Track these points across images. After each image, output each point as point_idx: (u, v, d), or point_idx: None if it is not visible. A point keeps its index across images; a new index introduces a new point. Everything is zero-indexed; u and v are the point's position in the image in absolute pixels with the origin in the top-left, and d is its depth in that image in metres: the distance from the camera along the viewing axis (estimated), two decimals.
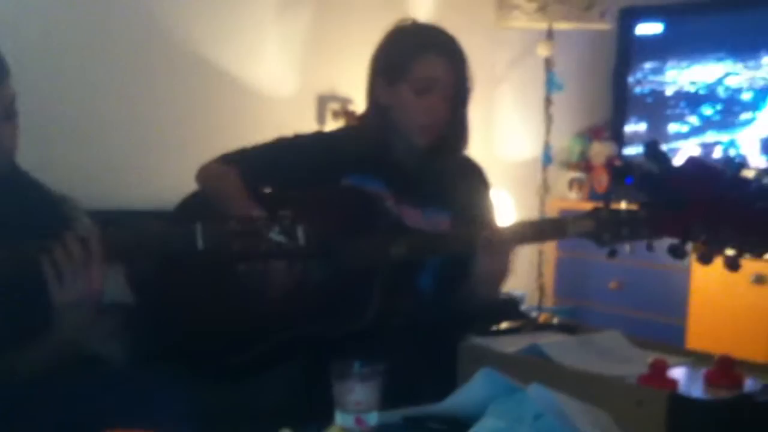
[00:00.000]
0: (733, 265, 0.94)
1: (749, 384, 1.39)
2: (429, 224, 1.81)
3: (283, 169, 1.89)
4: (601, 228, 1.66)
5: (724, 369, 1.42)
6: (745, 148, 3.40)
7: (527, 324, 1.77)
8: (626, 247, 1.70)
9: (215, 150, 1.96)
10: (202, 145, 2.08)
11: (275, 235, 1.38)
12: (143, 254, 1.48)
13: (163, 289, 1.73)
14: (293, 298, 1.71)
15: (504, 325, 1.72)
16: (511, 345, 1.55)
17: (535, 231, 1.76)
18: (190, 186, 1.93)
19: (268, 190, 1.89)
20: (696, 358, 1.56)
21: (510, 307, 2.43)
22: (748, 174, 0.93)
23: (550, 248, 3.61)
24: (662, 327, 3.24)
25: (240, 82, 2.96)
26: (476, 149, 2.02)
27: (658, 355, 1.56)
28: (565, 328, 1.77)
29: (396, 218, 1.79)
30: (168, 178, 2.51)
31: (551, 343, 1.53)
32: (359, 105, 1.98)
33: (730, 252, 0.94)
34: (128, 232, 1.45)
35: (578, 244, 1.75)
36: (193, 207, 1.88)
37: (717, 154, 3.46)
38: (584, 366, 1.44)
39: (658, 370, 1.36)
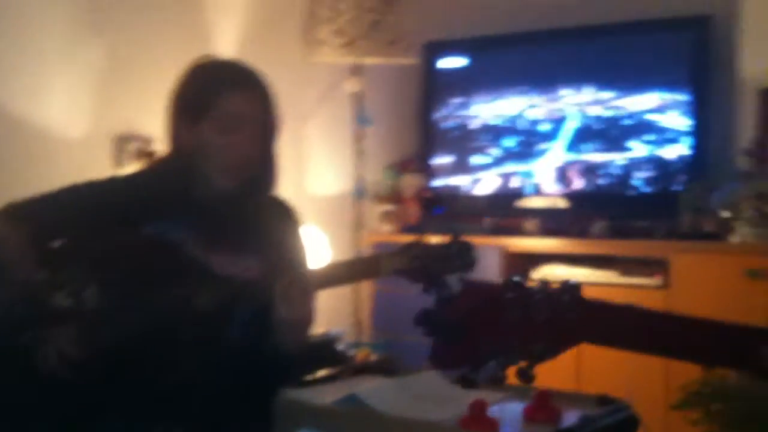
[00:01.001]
0: (525, 377, 0.92)
1: (568, 417, 1.39)
2: (239, 271, 1.71)
3: (76, 220, 1.72)
4: (414, 264, 1.64)
5: (541, 403, 1.42)
6: (541, 177, 3.54)
7: (345, 368, 1.71)
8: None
9: None
10: None
11: (61, 299, 1.24)
12: None
13: None
14: (91, 364, 1.55)
15: (320, 373, 1.64)
16: (328, 395, 1.49)
17: (347, 272, 1.70)
18: None
19: (58, 245, 1.72)
20: (513, 393, 1.56)
21: (327, 350, 2.38)
22: (532, 285, 0.92)
23: (365, 281, 3.59)
24: None
25: (25, 123, 2.73)
26: (287, 186, 1.95)
27: (474, 391, 1.54)
28: (383, 370, 1.73)
29: (203, 267, 1.68)
30: None
31: (369, 390, 1.47)
32: (163, 145, 1.86)
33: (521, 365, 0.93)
34: None
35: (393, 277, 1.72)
36: None
37: (515, 183, 3.58)
38: (404, 412, 1.39)
39: (478, 411, 1.33)
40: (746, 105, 3.22)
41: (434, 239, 1.72)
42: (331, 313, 3.23)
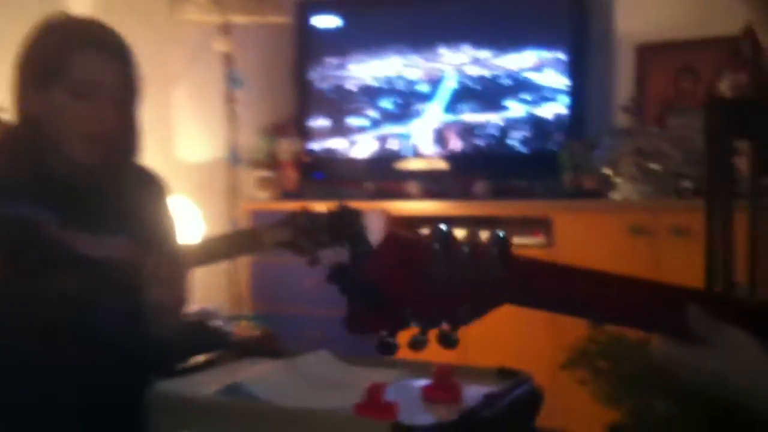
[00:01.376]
0: (448, 341, 0.81)
1: (469, 394, 1.31)
2: (104, 251, 1.54)
3: None
4: (299, 236, 1.52)
5: (441, 381, 1.32)
6: (419, 138, 3.46)
7: (225, 352, 1.57)
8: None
9: None
10: None
11: None
12: None
13: None
14: None
15: (198, 358, 1.50)
16: (208, 385, 1.34)
17: (225, 248, 1.57)
18: None
19: None
20: (410, 369, 1.46)
21: (204, 330, 2.23)
22: (459, 238, 0.80)
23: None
24: None
25: None
26: (153, 154, 1.78)
27: (370, 370, 1.44)
28: (268, 352, 1.60)
29: (63, 248, 1.51)
30: None
31: (255, 377, 1.34)
32: (10, 113, 1.65)
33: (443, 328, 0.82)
34: None
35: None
36: None
37: (393, 145, 3.49)
38: (294, 401, 1.27)
39: (375, 396, 1.23)
40: (623, 62, 3.23)
41: (319, 207, 1.60)
42: (207, 287, 3.06)
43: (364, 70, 3.55)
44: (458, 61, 3.38)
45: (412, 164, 3.46)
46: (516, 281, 0.81)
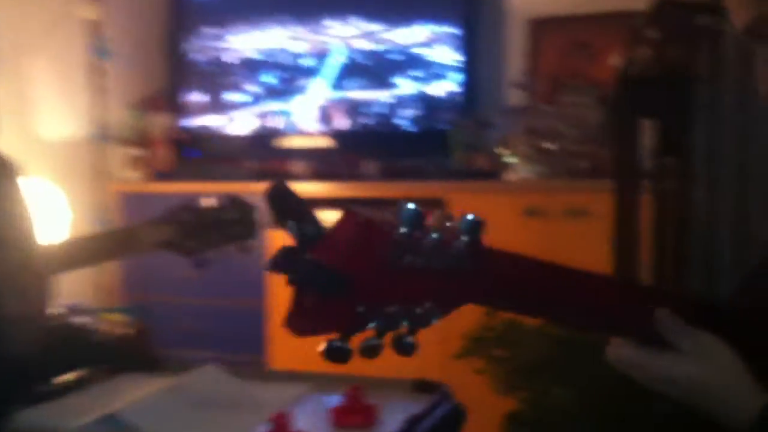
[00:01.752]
0: (403, 347, 0.65)
1: (387, 417, 1.15)
2: None
3: None
4: (184, 235, 1.32)
5: (353, 402, 1.16)
6: (302, 116, 3.27)
7: (97, 369, 1.35)
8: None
9: None
10: None
11: None
12: None
13: None
14: None
15: (66, 377, 1.28)
16: (78, 413, 1.13)
17: (97, 250, 1.35)
18: None
19: None
20: (311, 384, 1.29)
21: (71, 337, 1.99)
22: (434, 225, 0.65)
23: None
24: (242, 312, 3.01)
25: None
26: (9, 132, 1.54)
27: (264, 387, 1.27)
28: (145, 362, 1.40)
29: None
30: None
31: (133, 405, 1.13)
32: None
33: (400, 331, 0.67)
34: None
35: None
36: None
37: (274, 123, 3.29)
38: (183, 430, 1.08)
39: (280, 426, 1.05)
40: (515, 37, 3.12)
41: (206, 201, 1.41)
42: (71, 278, 2.80)
43: (244, 41, 3.31)
44: (346, 35, 3.20)
45: (295, 142, 3.27)
46: (485, 277, 0.67)
